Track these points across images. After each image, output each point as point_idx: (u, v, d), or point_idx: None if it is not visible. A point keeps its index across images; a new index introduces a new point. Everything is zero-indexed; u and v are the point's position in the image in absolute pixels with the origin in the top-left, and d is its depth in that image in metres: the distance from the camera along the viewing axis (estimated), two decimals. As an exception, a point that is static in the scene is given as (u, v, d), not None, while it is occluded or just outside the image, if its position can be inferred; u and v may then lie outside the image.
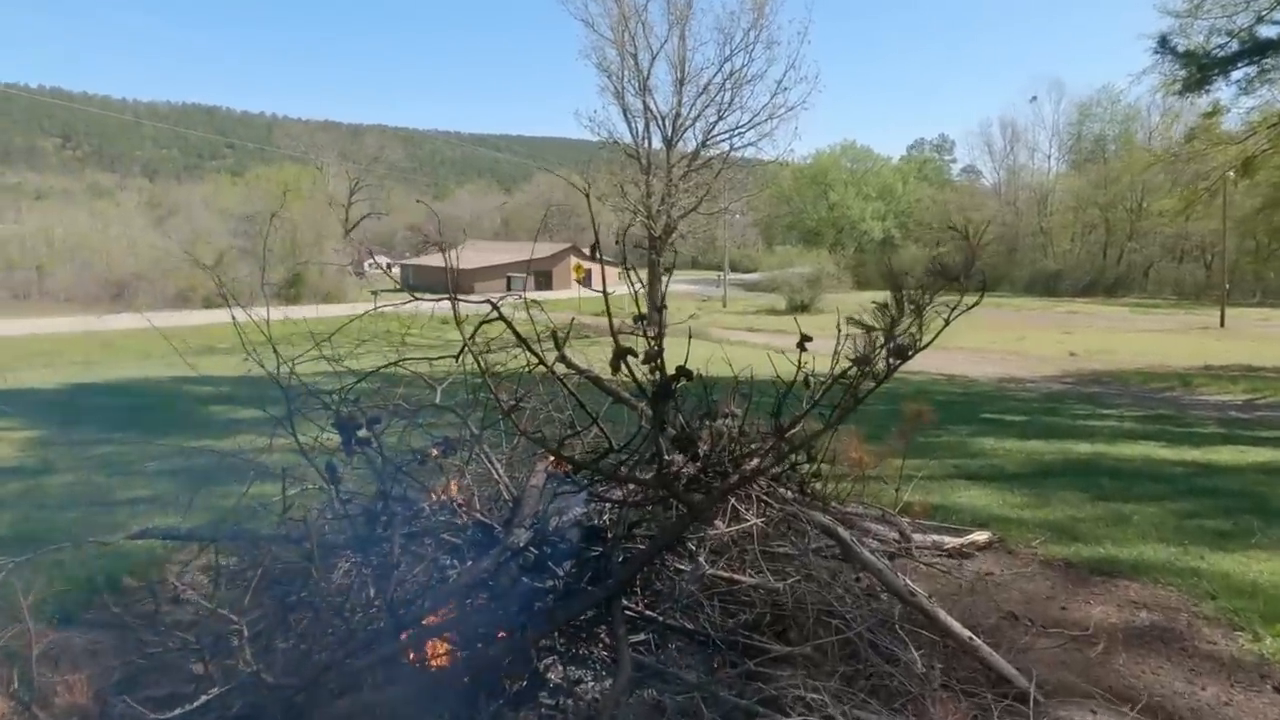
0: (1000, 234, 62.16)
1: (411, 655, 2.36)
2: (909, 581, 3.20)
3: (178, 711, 1.89)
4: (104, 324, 29.99)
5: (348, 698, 2.14)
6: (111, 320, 29.83)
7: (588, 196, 4.09)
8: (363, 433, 2.78)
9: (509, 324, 2.51)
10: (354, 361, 3.40)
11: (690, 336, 3.44)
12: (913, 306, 2.17)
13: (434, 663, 2.40)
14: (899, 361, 2.08)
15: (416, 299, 3.04)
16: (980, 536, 4.02)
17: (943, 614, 2.72)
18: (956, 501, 4.95)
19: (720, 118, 28.95)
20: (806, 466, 3.28)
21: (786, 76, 28.23)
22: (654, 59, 28.65)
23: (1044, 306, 44.01)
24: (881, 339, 2.10)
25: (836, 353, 2.45)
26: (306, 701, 2.09)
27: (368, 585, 2.68)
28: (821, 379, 2.54)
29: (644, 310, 2.35)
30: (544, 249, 56.16)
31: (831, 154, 70.12)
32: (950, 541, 3.90)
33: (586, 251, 50.91)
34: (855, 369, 2.24)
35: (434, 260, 60.14)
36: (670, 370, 2.17)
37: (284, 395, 2.80)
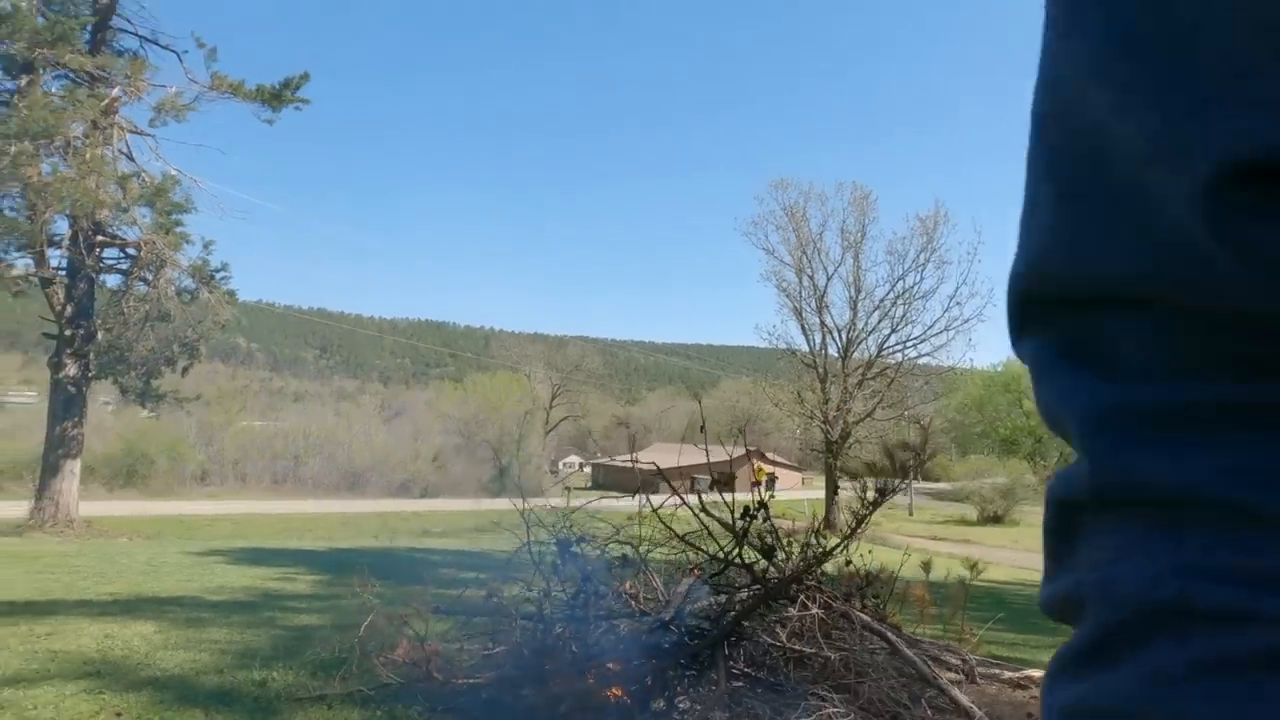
0: None
1: (593, 676, 3.90)
2: (945, 682, 4.33)
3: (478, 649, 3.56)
4: (343, 506, 35.06)
5: (559, 685, 3.71)
6: (350, 504, 34.82)
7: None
8: (574, 549, 4.55)
9: (671, 485, 4.20)
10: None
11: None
12: (900, 467, 3.66)
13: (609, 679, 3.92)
14: (883, 499, 3.54)
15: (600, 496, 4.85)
16: (1039, 674, 4.95)
17: (955, 691, 3.87)
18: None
19: (894, 330, 30.48)
20: (874, 600, 4.56)
21: (959, 292, 29.43)
22: (829, 279, 31.18)
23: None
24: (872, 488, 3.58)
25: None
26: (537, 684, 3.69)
27: (570, 641, 4.29)
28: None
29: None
30: (727, 452, 58.09)
31: (1023, 361, 68.06)
32: (1008, 673, 4.88)
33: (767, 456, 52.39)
34: (867, 509, 3.71)
35: (619, 461, 63.98)
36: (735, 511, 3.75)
37: (525, 522, 4.63)
